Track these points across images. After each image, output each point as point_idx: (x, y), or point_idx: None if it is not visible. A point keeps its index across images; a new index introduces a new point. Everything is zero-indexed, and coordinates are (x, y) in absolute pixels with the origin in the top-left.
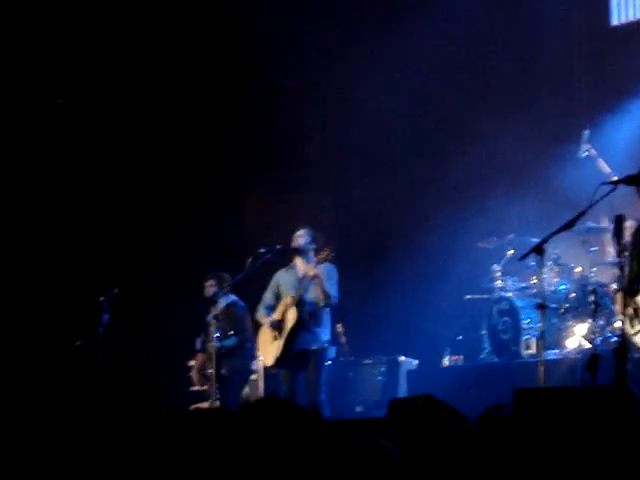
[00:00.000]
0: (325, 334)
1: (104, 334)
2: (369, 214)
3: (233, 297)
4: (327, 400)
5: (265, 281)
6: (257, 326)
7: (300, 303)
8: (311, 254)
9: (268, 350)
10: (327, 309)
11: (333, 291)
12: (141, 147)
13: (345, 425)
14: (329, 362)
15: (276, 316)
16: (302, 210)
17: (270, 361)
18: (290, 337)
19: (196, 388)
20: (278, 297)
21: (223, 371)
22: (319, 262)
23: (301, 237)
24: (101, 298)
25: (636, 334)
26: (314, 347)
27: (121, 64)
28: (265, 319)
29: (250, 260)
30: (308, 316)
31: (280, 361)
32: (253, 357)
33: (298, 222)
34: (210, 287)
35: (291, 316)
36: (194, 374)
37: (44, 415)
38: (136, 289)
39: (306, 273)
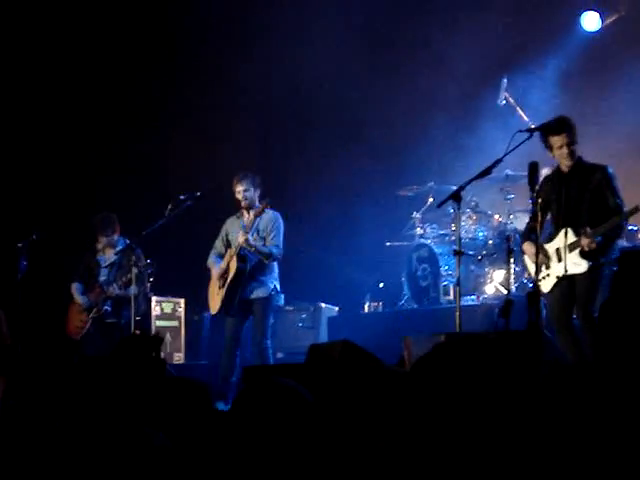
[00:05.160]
0: (271, 282)
1: (22, 280)
2: (291, 162)
3: (128, 241)
4: (272, 346)
5: (186, 229)
6: (208, 272)
7: (242, 255)
8: (256, 201)
9: (214, 299)
10: None
11: (278, 242)
12: (67, 92)
13: (264, 370)
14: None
15: (223, 265)
16: (225, 159)
17: (215, 310)
18: (233, 287)
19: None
20: (227, 245)
21: (114, 319)
22: (257, 215)
23: (245, 190)
24: (19, 244)
25: (542, 279)
26: (259, 296)
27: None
28: (214, 267)
29: (170, 207)
30: (248, 267)
31: (225, 309)
32: (146, 309)
33: (220, 170)
34: (103, 239)
35: (232, 267)
36: (78, 316)
37: None
38: (55, 235)
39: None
